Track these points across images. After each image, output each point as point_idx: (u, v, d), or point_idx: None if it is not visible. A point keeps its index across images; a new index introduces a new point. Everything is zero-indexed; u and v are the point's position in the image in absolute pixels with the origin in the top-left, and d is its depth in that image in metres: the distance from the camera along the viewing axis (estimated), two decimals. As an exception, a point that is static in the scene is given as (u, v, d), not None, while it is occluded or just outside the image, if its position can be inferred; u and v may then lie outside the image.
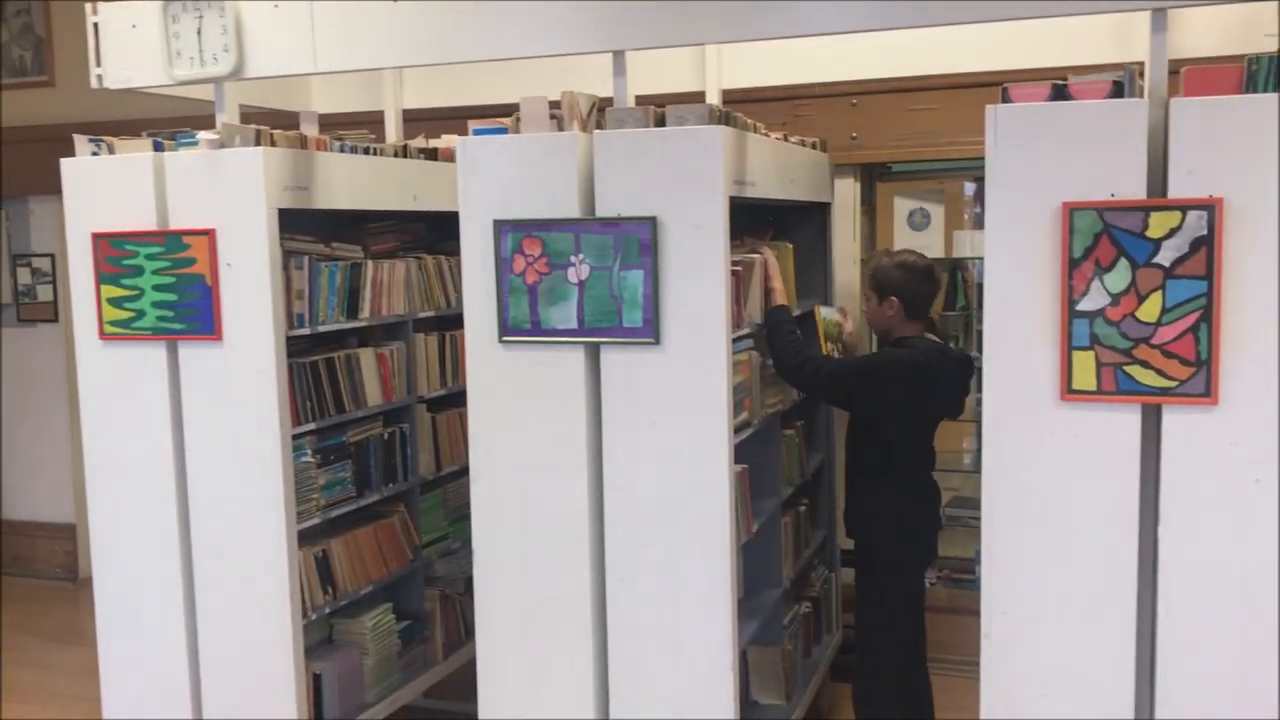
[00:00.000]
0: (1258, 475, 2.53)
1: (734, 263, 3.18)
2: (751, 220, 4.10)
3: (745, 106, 4.00)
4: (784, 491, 3.91)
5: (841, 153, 4.67)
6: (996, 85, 2.72)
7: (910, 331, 3.71)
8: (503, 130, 3.08)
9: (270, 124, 3.44)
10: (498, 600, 3.15)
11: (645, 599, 3.03)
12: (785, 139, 3.83)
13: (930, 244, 5.00)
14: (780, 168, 3.60)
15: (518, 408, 3.06)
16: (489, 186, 3.03)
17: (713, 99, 4.32)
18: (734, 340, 3.18)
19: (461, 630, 4.36)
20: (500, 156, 3.03)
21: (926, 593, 3.98)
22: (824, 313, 3.95)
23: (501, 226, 3.00)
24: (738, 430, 3.26)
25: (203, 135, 3.33)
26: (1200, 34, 4.05)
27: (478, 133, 3.10)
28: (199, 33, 3.34)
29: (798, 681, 4.00)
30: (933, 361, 3.64)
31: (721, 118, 2.99)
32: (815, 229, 4.43)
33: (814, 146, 4.23)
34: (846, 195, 4.86)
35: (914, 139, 4.65)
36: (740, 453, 3.27)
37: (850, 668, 4.03)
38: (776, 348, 3.55)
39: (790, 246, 3.92)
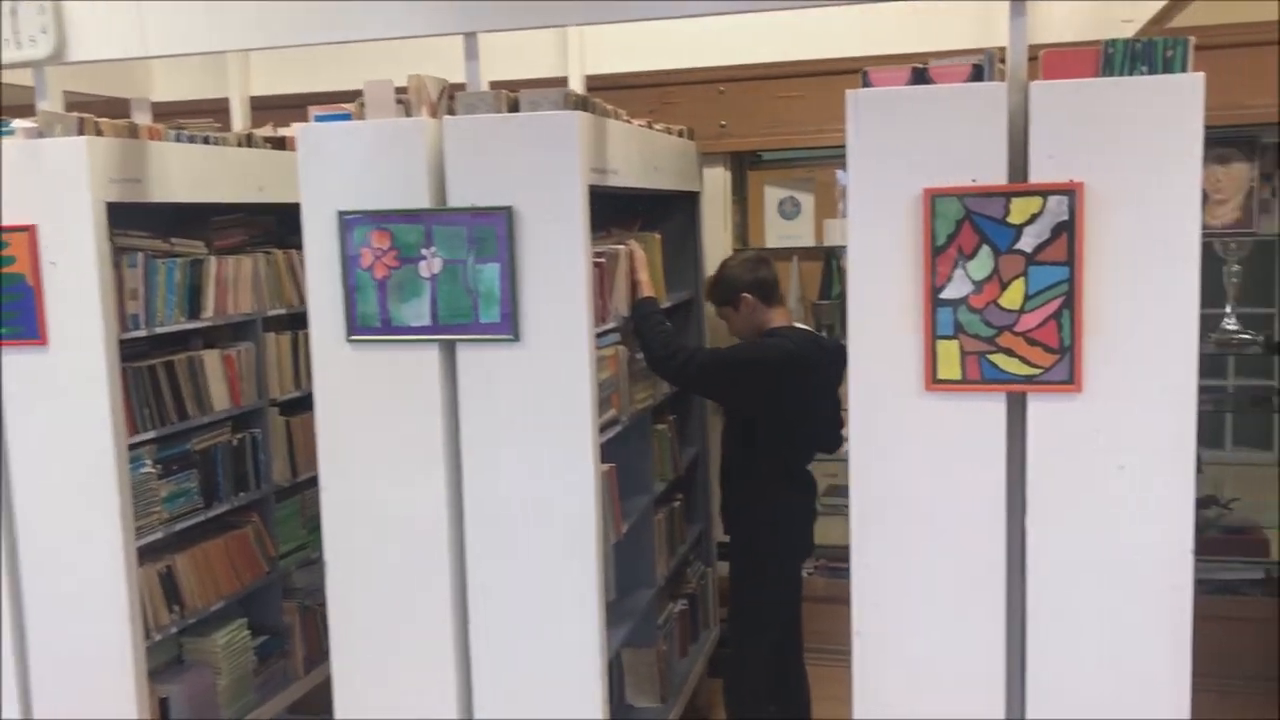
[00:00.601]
0: (1122, 462, 2.51)
1: (597, 254, 3.07)
2: (618, 211, 3.99)
3: (611, 94, 3.90)
4: (656, 488, 3.82)
5: (710, 141, 4.60)
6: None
7: (779, 320, 3.68)
8: (346, 116, 2.91)
9: (109, 114, 3.20)
10: (353, 613, 2.98)
11: (509, 607, 2.89)
12: (650, 126, 3.72)
13: (801, 233, 4.96)
14: (644, 156, 3.50)
15: (369, 410, 2.89)
16: (332, 176, 2.86)
17: (576, 85, 4.20)
18: (599, 335, 3.08)
19: (324, 643, 4.14)
20: (344, 144, 2.85)
21: (804, 583, 3.93)
22: None
23: (347, 218, 2.83)
24: (605, 428, 3.16)
25: (19, 124, 3.07)
26: (1060, 20, 4.09)
27: (319, 119, 2.91)
28: (13, 13, 3.08)
29: (674, 682, 3.93)
30: (805, 350, 3.61)
31: (579, 103, 2.87)
32: (685, 219, 4.35)
33: (681, 134, 4.14)
34: (717, 184, 4.79)
35: (783, 127, 4.61)
36: (609, 451, 3.17)
37: (724, 662, 3.97)
38: (646, 340, 3.46)
39: (658, 237, 3.83)
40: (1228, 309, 4.62)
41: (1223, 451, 6.43)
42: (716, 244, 4.68)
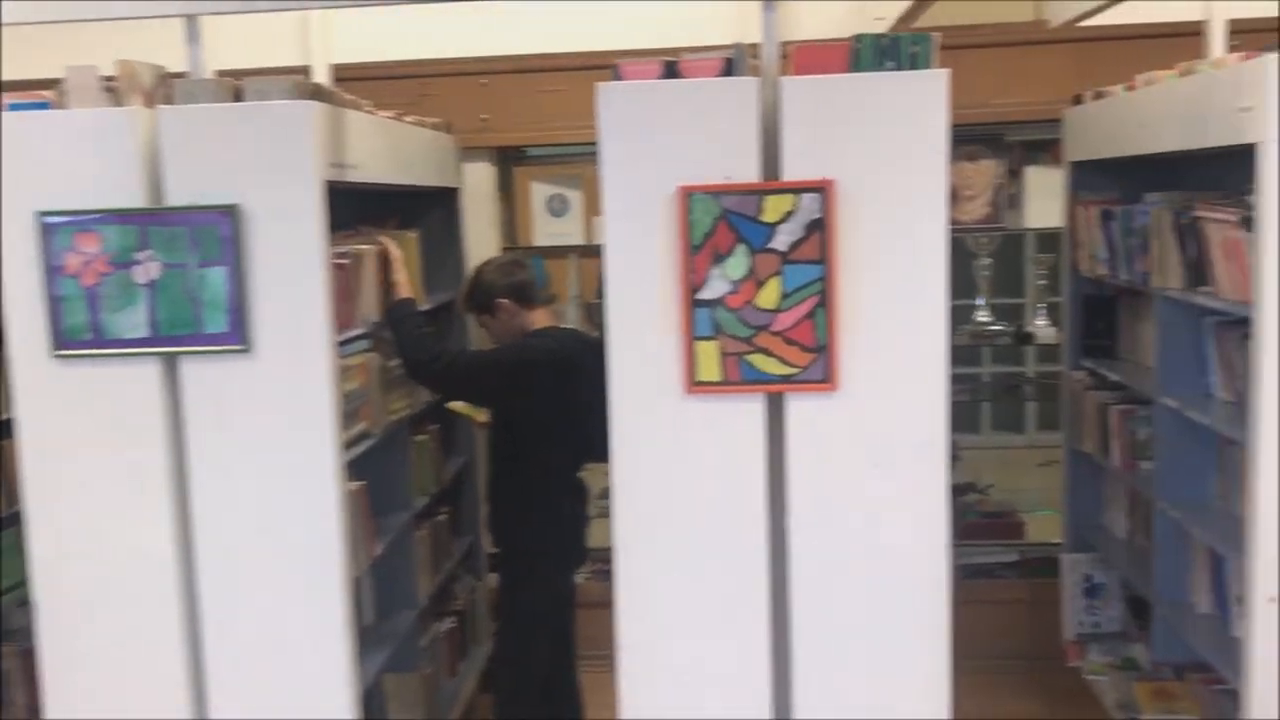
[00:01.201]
0: (878, 459, 2.51)
1: (340, 255, 2.87)
2: (371, 208, 3.77)
3: (364, 85, 3.68)
4: (417, 503, 3.63)
5: (472, 135, 4.42)
6: (621, 66, 2.56)
7: (542, 321, 3.57)
8: (45, 105, 2.60)
9: None
10: (70, 659, 2.67)
11: (249, 645, 2.65)
12: (400, 118, 3.52)
13: (571, 231, 4.85)
14: (393, 150, 3.30)
15: (81, 432, 2.59)
16: (31, 173, 2.54)
17: (321, 75, 3.95)
18: (345, 342, 2.87)
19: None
20: (43, 137, 2.54)
21: (578, 590, 3.83)
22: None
23: (48, 220, 2.52)
24: (354, 443, 2.96)
25: None
26: (815, 18, 4.13)
27: (14, 108, 2.59)
28: None
29: (442, 703, 3.75)
30: (569, 350, 3.51)
31: (313, 93, 2.65)
32: (445, 216, 4.17)
33: (438, 128, 3.95)
34: (482, 181, 4.63)
35: (546, 121, 4.49)
36: (360, 467, 2.98)
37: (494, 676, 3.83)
38: (404, 344, 3.28)
39: (414, 236, 3.63)
40: (980, 301, 4.79)
41: (979, 437, 6.73)
42: (484, 242, 4.52)
